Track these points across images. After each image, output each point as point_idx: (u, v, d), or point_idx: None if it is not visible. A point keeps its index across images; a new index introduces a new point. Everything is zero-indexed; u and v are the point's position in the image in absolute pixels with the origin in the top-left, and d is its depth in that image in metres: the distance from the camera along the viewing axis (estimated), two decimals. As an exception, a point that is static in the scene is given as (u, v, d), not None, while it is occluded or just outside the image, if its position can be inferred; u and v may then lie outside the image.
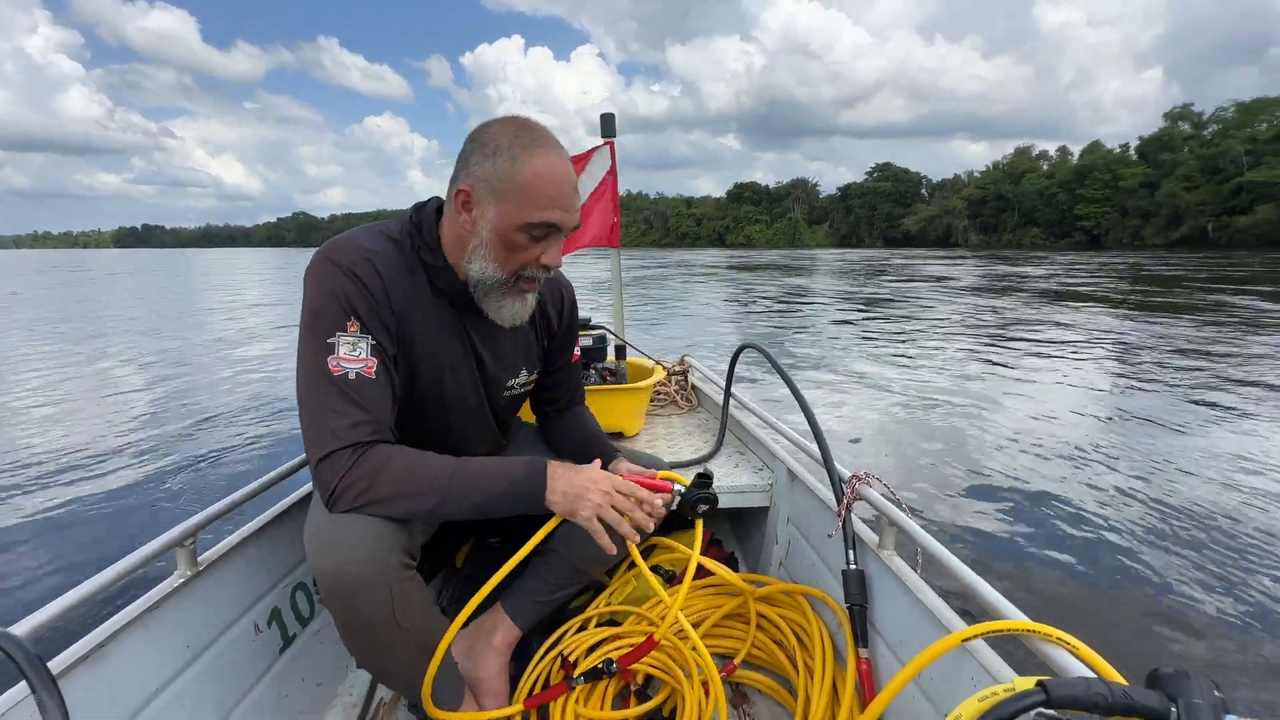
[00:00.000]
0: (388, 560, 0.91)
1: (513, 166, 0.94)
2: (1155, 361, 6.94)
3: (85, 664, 0.83)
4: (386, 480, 0.90)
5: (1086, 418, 4.80)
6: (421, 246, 1.04)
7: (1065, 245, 74.81)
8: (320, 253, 0.98)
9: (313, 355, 0.93)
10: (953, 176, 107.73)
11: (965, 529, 2.95)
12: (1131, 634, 2.19)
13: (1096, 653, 0.73)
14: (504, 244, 0.98)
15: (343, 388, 0.91)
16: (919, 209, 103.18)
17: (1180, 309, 11.80)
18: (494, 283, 1.01)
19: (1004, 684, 0.63)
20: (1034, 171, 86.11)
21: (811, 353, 7.91)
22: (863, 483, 1.22)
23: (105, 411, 5.28)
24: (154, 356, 8.00)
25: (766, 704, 1.33)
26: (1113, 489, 3.41)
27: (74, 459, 4.08)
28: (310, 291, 0.96)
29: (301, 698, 1.25)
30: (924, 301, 14.37)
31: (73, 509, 3.31)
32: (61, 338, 9.85)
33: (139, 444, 4.38)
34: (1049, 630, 0.77)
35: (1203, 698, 0.55)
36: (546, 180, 0.95)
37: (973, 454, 3.99)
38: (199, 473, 3.82)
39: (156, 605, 0.96)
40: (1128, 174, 71.02)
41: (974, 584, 0.90)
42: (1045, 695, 0.59)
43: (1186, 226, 62.07)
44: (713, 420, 2.21)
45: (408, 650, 0.99)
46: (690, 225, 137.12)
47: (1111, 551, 2.74)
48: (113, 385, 6.35)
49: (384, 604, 0.92)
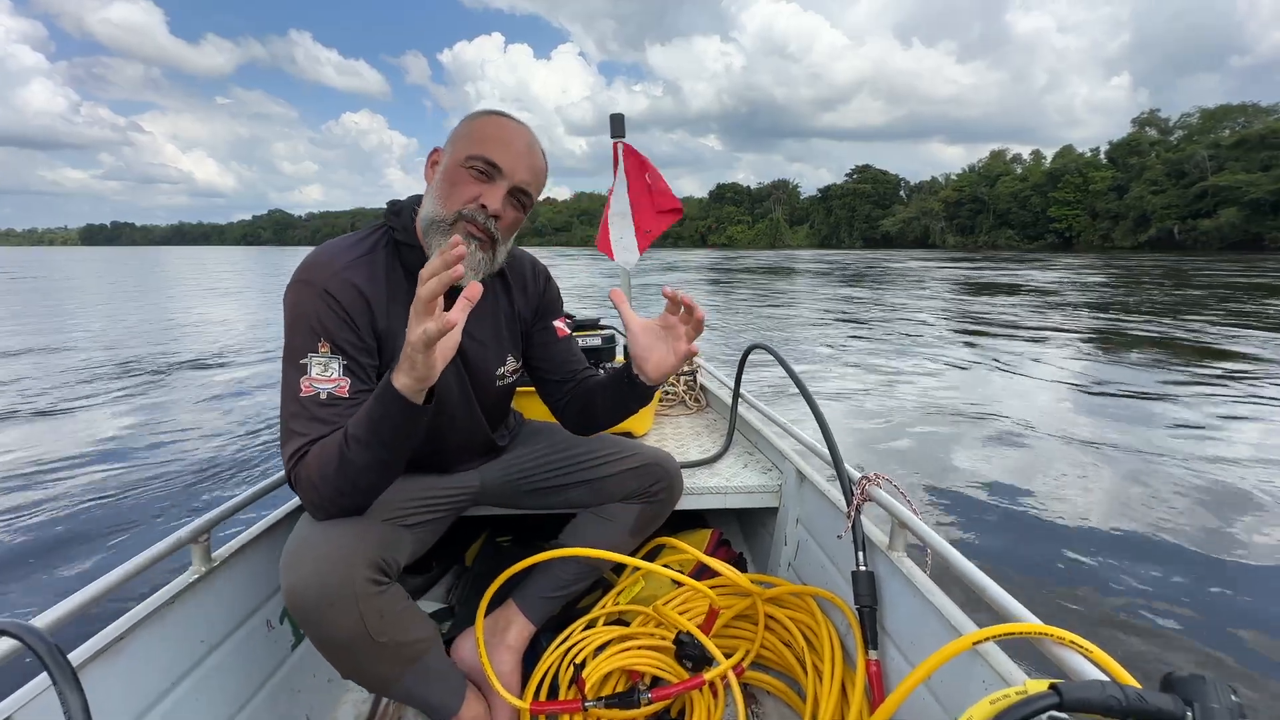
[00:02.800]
0: (351, 577, 0.91)
1: (471, 121, 1.06)
2: (1174, 363, 6.98)
3: (103, 657, 0.84)
4: (321, 477, 0.92)
5: (1102, 419, 4.78)
6: (398, 229, 1.08)
7: (1038, 247, 76.03)
8: (296, 274, 1.01)
9: (287, 375, 0.97)
10: (930, 179, 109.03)
11: (974, 531, 2.94)
12: (1141, 639, 2.17)
13: (1110, 656, 0.72)
14: (448, 180, 1.03)
15: (309, 407, 0.95)
16: (898, 210, 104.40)
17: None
18: (438, 222, 1.02)
19: (1016, 686, 0.63)
20: (1008, 174, 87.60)
21: (821, 351, 7.92)
22: (872, 484, 1.22)
23: (113, 414, 5.31)
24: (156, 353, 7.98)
25: (775, 705, 1.33)
26: (1121, 490, 3.39)
27: (91, 453, 4.12)
28: (287, 314, 1.00)
29: (312, 694, 1.26)
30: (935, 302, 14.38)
31: (88, 504, 3.34)
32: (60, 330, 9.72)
33: (153, 441, 4.42)
34: (1061, 633, 0.76)
35: (1219, 702, 0.54)
36: (491, 125, 1.04)
37: (980, 456, 3.98)
38: (213, 469, 3.85)
39: (171, 601, 0.97)
40: (1098, 177, 72.89)
41: (985, 586, 0.89)
42: (1058, 698, 0.58)
43: (1154, 229, 63.92)
44: (721, 420, 2.21)
45: (390, 662, 0.99)
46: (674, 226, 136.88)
47: (1120, 554, 2.71)
48: (119, 393, 6.36)
49: (353, 620, 0.92)
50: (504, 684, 1.19)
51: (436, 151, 1.09)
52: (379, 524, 1.02)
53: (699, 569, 1.46)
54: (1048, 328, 10.15)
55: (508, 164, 1.02)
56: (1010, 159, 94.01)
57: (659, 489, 1.36)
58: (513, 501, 1.37)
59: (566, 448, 1.37)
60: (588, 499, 1.35)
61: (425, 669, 1.06)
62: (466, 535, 1.81)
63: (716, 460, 1.79)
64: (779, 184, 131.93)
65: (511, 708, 1.17)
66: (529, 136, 1.07)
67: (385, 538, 1.00)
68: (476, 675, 1.21)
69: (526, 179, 1.05)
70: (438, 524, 1.21)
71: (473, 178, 1.01)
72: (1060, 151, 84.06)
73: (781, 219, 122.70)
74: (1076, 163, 78.40)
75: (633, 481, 1.34)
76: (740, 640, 1.38)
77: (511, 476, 1.33)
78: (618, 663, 1.25)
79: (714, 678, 1.20)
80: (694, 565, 1.47)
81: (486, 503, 1.36)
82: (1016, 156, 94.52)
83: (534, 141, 1.08)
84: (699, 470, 1.72)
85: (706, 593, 1.25)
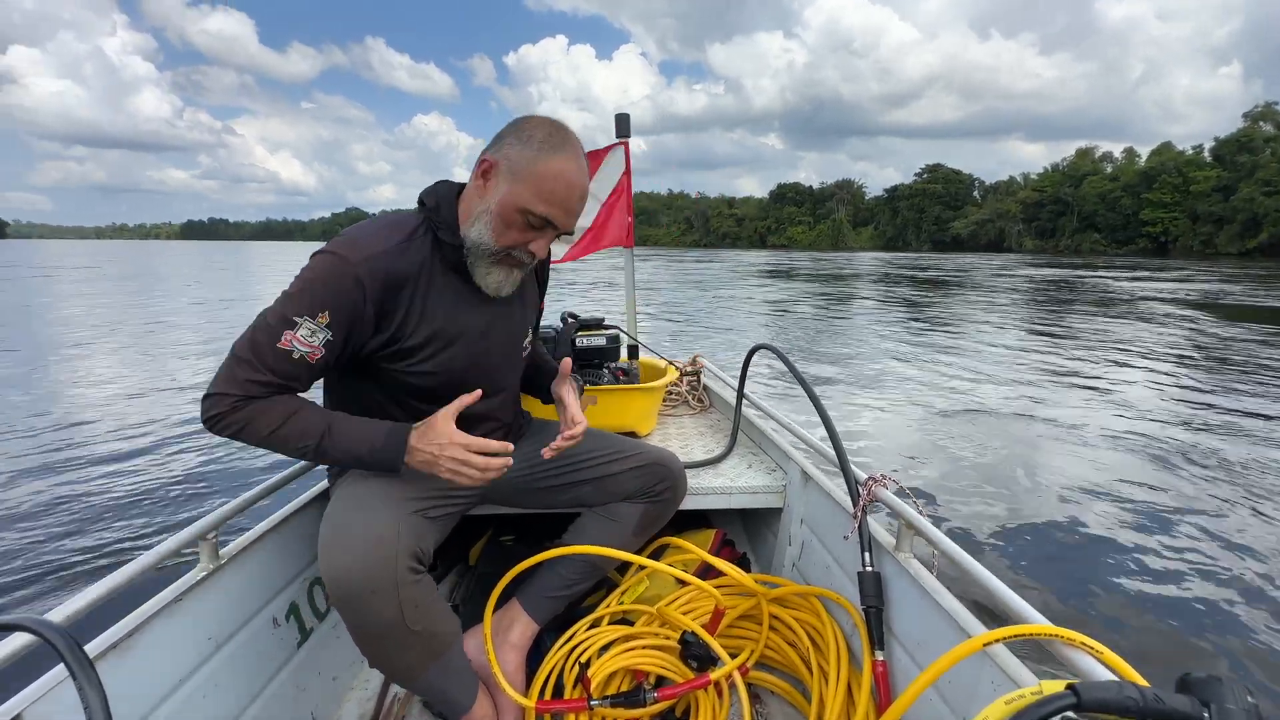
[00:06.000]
0: (395, 565, 0.93)
1: (536, 157, 1.02)
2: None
3: (114, 652, 0.85)
4: (266, 423, 0.97)
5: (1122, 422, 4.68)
6: (441, 225, 1.07)
7: (1128, 251, 71.04)
8: (334, 243, 1.01)
9: (273, 319, 0.97)
10: (1007, 178, 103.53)
11: (982, 532, 2.93)
12: (1153, 642, 2.17)
13: (1120, 658, 0.71)
14: (504, 219, 1.04)
15: (276, 358, 0.96)
16: (970, 212, 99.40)
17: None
18: (486, 251, 1.06)
19: (1030, 687, 0.62)
20: (1096, 174, 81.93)
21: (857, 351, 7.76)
22: (879, 484, 1.21)
23: (128, 407, 5.33)
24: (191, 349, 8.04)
25: (780, 706, 1.32)
26: (1135, 494, 3.35)
27: (99, 452, 4.13)
28: (307, 274, 0.99)
29: (318, 691, 1.26)
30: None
31: (96, 500, 3.36)
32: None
33: (164, 437, 4.43)
34: (1072, 635, 0.75)
35: (1236, 703, 0.53)
36: (559, 180, 1.02)
37: (988, 458, 3.96)
38: (222, 466, 3.87)
39: (180, 597, 0.97)
40: (1200, 177, 66.79)
41: (994, 587, 0.88)
42: (1076, 698, 0.57)
43: (1266, 233, 57.97)
44: (725, 421, 2.21)
45: (419, 652, 1.01)
46: (731, 225, 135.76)
47: (1130, 557, 2.71)
48: (135, 379, 6.36)
49: (393, 608, 0.93)
50: (509, 682, 1.19)
51: (488, 161, 1.05)
52: (412, 514, 1.04)
53: (703, 569, 1.46)
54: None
55: (562, 222, 1.06)
56: (1099, 157, 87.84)
57: (663, 488, 1.36)
58: (518, 500, 1.38)
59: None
60: (592, 498, 1.35)
61: (448, 663, 1.07)
62: (470, 534, 1.81)
63: (721, 460, 1.78)
64: (843, 184, 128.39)
65: (517, 706, 1.17)
66: (585, 185, 1.08)
67: (418, 528, 1.02)
68: (482, 673, 1.21)
69: (572, 225, 1.09)
70: (451, 519, 1.22)
71: (526, 224, 1.04)
72: (1157, 149, 77.84)
73: (844, 220, 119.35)
74: (1176, 161, 72.30)
75: (637, 481, 1.34)
76: (745, 640, 1.37)
77: (517, 473, 1.33)
78: (623, 662, 1.25)
79: (719, 678, 1.19)
80: (698, 565, 1.47)
81: (492, 500, 1.37)
82: (1106, 155, 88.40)
83: (586, 185, 1.09)
84: (703, 470, 1.72)
85: (712, 592, 1.24)
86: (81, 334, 9.31)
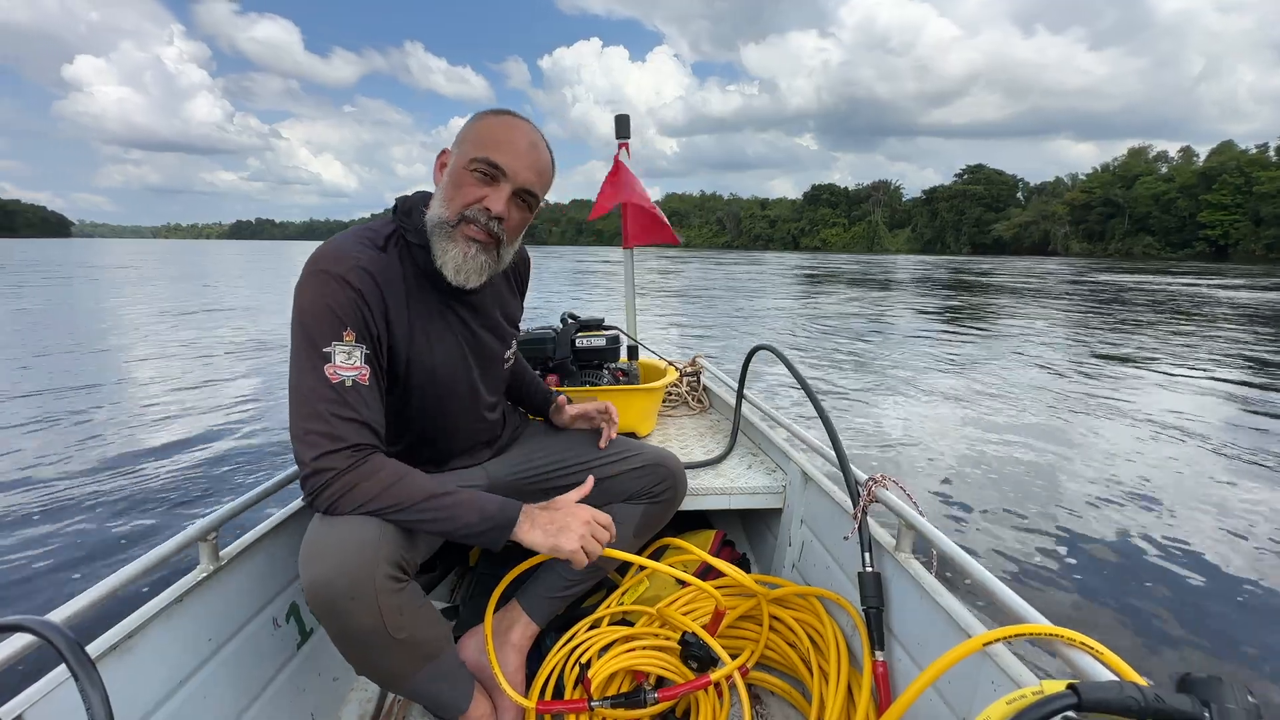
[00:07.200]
0: (372, 573, 0.91)
1: (475, 123, 1.06)
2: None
3: (115, 653, 0.84)
4: (371, 487, 0.94)
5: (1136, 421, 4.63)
6: (409, 230, 1.07)
7: (1184, 255, 67.47)
8: (311, 264, 0.99)
9: (309, 362, 0.94)
10: (1054, 179, 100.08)
11: (983, 534, 2.93)
12: (1153, 642, 2.17)
13: (1120, 658, 0.71)
14: (453, 183, 1.04)
15: (341, 394, 0.94)
16: (1013, 214, 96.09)
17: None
18: (442, 225, 1.03)
19: (1031, 687, 0.62)
20: (1150, 174, 78.39)
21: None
22: (879, 485, 1.21)
23: (135, 407, 5.28)
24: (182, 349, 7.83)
25: (780, 706, 1.32)
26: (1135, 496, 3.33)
27: (100, 453, 4.11)
28: (304, 302, 0.97)
29: (318, 692, 1.26)
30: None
31: (96, 500, 3.36)
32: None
33: (166, 437, 4.42)
34: (1072, 634, 0.75)
35: (1236, 703, 0.54)
36: (498, 127, 1.04)
37: (992, 461, 3.92)
38: (222, 467, 3.85)
39: (180, 598, 0.97)
40: (1265, 178, 63.46)
41: (994, 588, 0.88)
42: (1077, 698, 0.57)
43: (1338, 237, 54.60)
44: (725, 421, 2.20)
45: (404, 658, 0.99)
46: (764, 227, 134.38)
47: (1130, 557, 2.70)
48: (139, 383, 6.26)
49: (373, 615, 0.92)
50: (509, 683, 1.19)
51: (445, 153, 1.07)
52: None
53: (703, 569, 1.46)
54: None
55: (511, 166, 1.02)
56: (1153, 157, 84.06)
57: (663, 489, 1.35)
58: (518, 500, 1.38)
59: (571, 447, 1.38)
60: (592, 498, 1.32)
61: (438, 667, 1.06)
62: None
63: (720, 461, 1.78)
64: (879, 185, 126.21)
65: (517, 707, 1.16)
66: (533, 135, 1.06)
67: (403, 537, 0.99)
68: (482, 674, 1.21)
69: (531, 179, 1.05)
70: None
71: (477, 180, 1.02)
72: (1218, 148, 74.41)
73: (880, 222, 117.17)
74: (1238, 161, 68.89)
75: (637, 481, 1.34)
76: (745, 641, 1.37)
77: (517, 475, 1.33)
78: (623, 663, 1.24)
79: (719, 678, 1.19)
80: (698, 566, 1.46)
81: None
82: (1161, 154, 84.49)
83: (538, 140, 1.07)
84: (703, 471, 1.72)
85: (712, 593, 1.24)
86: (119, 338, 9.08)
